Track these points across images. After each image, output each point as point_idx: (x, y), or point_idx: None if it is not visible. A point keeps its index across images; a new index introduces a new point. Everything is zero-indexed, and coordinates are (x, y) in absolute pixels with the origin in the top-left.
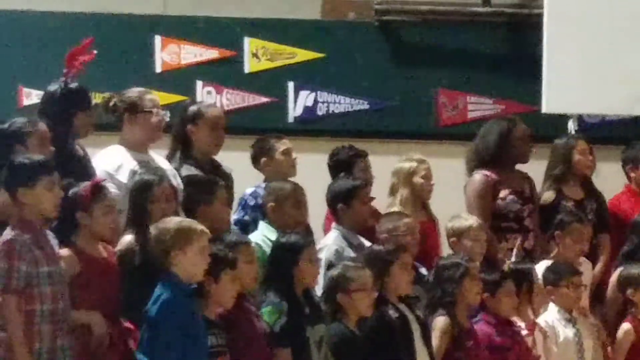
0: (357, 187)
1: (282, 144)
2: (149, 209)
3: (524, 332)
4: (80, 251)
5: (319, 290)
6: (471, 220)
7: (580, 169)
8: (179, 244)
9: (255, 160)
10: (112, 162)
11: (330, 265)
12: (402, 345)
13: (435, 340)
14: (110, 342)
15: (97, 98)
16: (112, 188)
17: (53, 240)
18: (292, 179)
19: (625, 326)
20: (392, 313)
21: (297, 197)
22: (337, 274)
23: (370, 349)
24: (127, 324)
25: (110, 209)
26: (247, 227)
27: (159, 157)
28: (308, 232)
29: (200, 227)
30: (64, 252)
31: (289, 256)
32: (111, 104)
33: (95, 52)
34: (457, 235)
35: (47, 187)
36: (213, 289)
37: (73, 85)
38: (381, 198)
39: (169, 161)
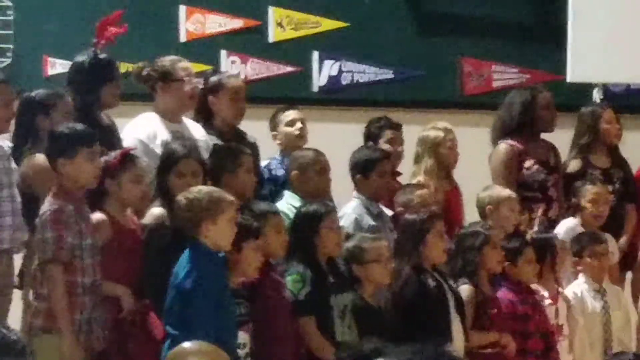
0: (375, 159)
1: (286, 115)
2: (172, 183)
3: (547, 302)
4: (111, 218)
5: None
6: (508, 191)
7: (607, 138)
8: (211, 214)
9: (272, 133)
10: (146, 131)
11: (347, 236)
12: (439, 314)
13: None
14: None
15: (121, 68)
16: (145, 158)
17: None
18: (319, 148)
19: None
20: (430, 282)
21: (319, 163)
22: (352, 245)
23: (407, 318)
24: (145, 300)
25: (139, 178)
26: (264, 200)
27: (194, 125)
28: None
29: (230, 197)
30: (98, 216)
31: (310, 224)
32: (144, 73)
33: (126, 25)
34: (494, 203)
35: (87, 158)
36: (235, 259)
37: (102, 56)
38: (405, 167)
39: None
